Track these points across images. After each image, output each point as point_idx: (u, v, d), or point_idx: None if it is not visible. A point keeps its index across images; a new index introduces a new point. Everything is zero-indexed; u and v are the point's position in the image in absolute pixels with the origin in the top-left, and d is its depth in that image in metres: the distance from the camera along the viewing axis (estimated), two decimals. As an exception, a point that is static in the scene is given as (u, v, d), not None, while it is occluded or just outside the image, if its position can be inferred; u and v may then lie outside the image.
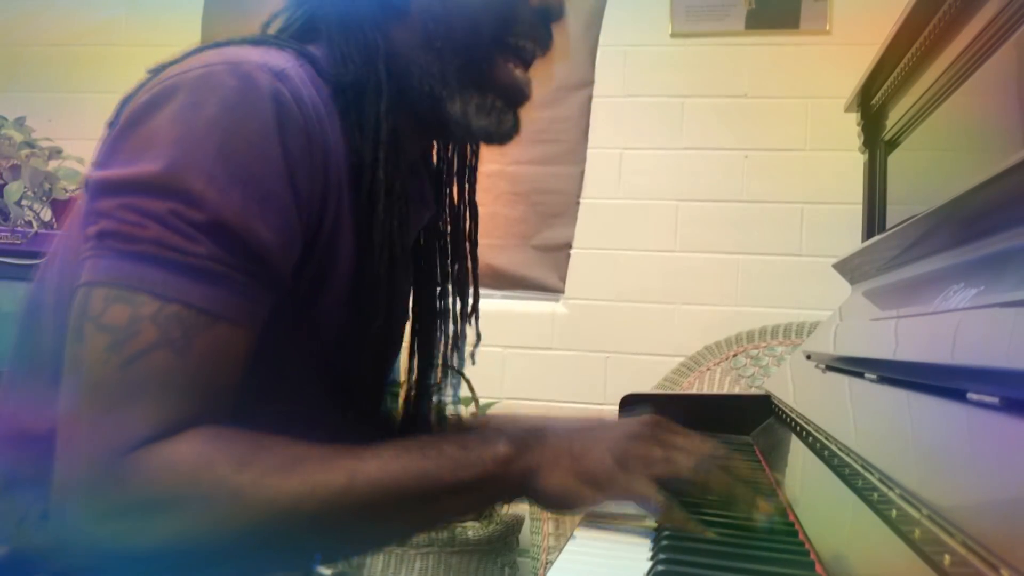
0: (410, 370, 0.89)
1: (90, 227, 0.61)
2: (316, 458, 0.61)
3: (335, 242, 0.69)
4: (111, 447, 0.56)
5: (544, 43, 0.76)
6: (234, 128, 0.60)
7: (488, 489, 0.64)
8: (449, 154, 0.87)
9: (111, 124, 0.66)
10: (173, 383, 0.58)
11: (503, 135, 0.76)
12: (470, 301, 0.88)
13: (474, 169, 0.87)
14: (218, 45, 0.67)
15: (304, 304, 0.69)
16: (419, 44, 0.73)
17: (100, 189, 0.61)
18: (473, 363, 0.90)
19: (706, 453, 0.65)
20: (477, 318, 0.88)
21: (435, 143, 0.87)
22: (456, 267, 0.87)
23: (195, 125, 0.60)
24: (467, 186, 0.87)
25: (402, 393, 0.89)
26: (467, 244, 0.88)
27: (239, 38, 0.70)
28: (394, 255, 0.72)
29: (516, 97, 0.76)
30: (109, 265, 0.59)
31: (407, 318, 0.89)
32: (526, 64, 0.76)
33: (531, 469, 0.65)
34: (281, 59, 0.66)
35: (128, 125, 0.62)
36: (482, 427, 0.89)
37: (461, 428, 0.94)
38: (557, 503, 0.65)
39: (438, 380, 0.89)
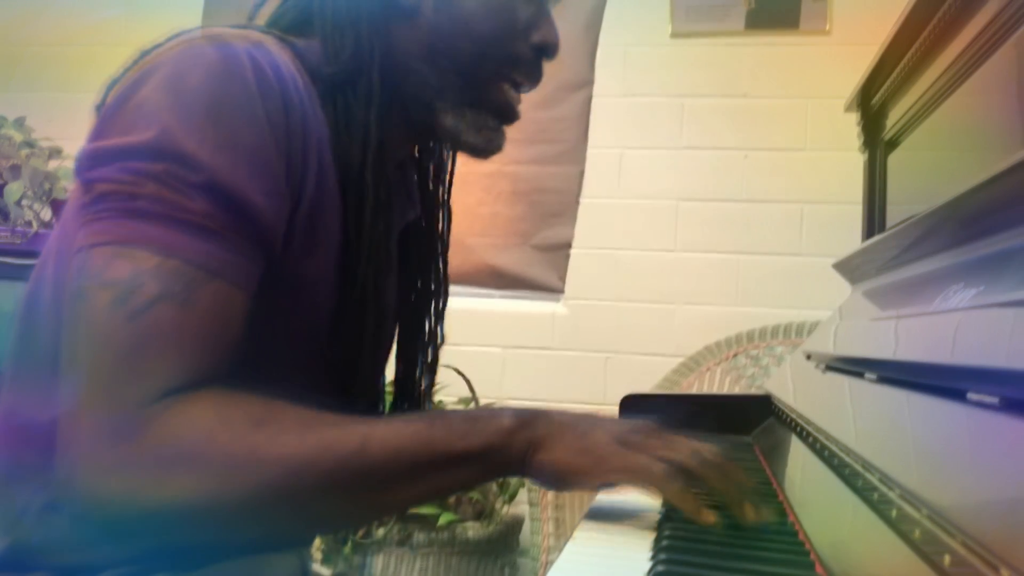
0: (396, 368, 0.89)
1: (85, 195, 0.62)
2: (330, 421, 0.62)
3: (318, 220, 0.70)
4: (127, 400, 0.57)
5: (537, 78, 0.80)
6: (220, 94, 0.62)
7: (493, 460, 0.66)
8: (433, 156, 0.89)
9: (99, 107, 0.68)
10: (180, 337, 0.59)
11: (490, 151, 0.79)
12: (442, 300, 0.90)
13: (451, 173, 0.90)
14: (199, 29, 0.69)
15: (291, 280, 0.69)
16: (421, 55, 0.75)
17: (93, 159, 0.63)
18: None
19: (704, 452, 0.66)
20: (443, 319, 0.90)
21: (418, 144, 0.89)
22: (434, 266, 0.89)
23: (182, 93, 0.62)
24: (442, 188, 0.89)
25: (393, 390, 0.90)
26: (439, 245, 0.90)
27: (220, 27, 0.72)
28: (380, 257, 0.74)
29: (508, 117, 0.79)
30: (107, 226, 0.60)
31: (394, 320, 0.89)
32: (517, 90, 0.79)
33: (534, 442, 0.66)
34: (260, 37, 0.68)
35: (116, 103, 0.64)
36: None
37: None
38: (557, 478, 0.66)
39: (420, 377, 0.90)
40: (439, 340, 0.90)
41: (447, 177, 0.90)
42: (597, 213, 2.31)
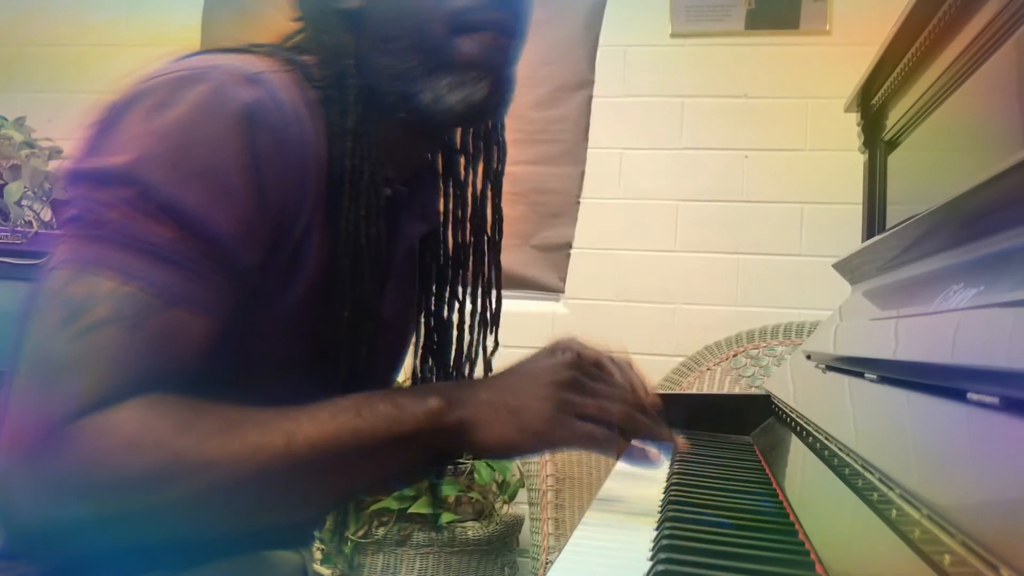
0: (415, 378, 0.89)
1: (62, 217, 0.64)
2: (255, 421, 0.62)
3: (305, 245, 0.69)
4: (52, 416, 0.57)
5: (496, 12, 0.72)
6: (197, 126, 0.62)
7: (422, 443, 0.67)
8: (469, 161, 0.86)
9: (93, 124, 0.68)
10: (119, 359, 0.59)
11: (482, 104, 0.73)
12: (491, 308, 0.89)
13: (499, 174, 0.87)
14: (201, 54, 0.69)
15: (271, 303, 0.69)
16: (378, 47, 0.73)
17: (69, 181, 0.64)
18: (491, 370, 0.90)
19: (626, 396, 0.71)
20: (497, 326, 0.91)
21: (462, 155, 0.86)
22: (475, 274, 0.87)
23: (160, 123, 0.62)
24: (463, 200, 0.86)
25: None
26: (487, 250, 0.88)
27: (224, 48, 0.72)
28: (362, 258, 0.72)
29: (486, 63, 0.72)
30: (72, 247, 0.61)
31: (408, 330, 0.88)
32: (489, 31, 0.72)
33: (465, 422, 0.67)
34: (259, 64, 0.67)
35: (102, 123, 0.65)
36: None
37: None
38: (499, 454, 0.69)
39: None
40: (476, 350, 0.89)
41: (470, 189, 0.86)
42: (597, 213, 2.31)
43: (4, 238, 1.92)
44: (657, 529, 0.65)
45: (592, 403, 0.69)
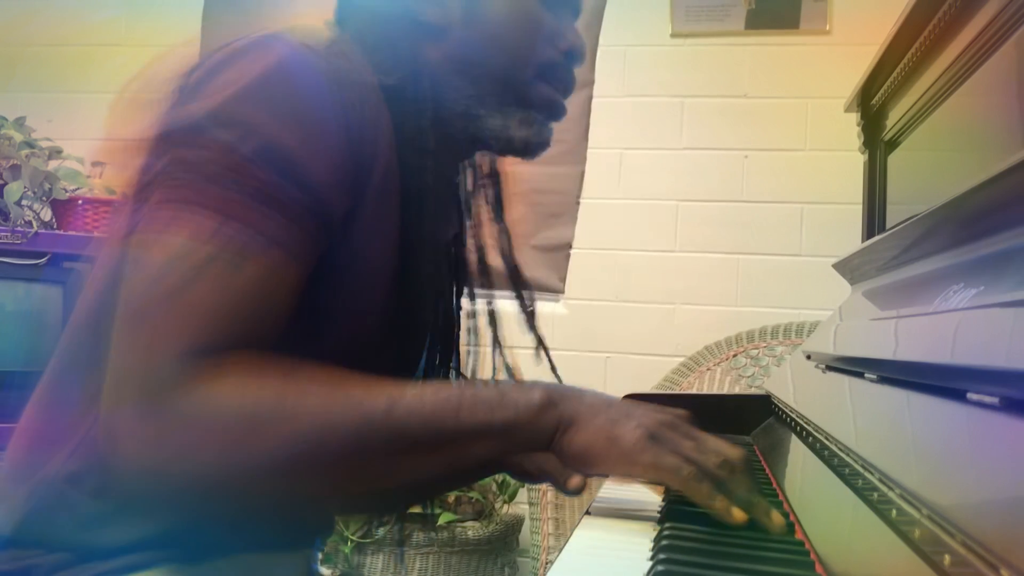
0: (426, 371, 0.91)
1: (152, 169, 0.64)
2: (358, 381, 0.63)
3: (378, 217, 0.71)
4: (164, 355, 0.58)
5: (569, 82, 0.82)
6: (289, 76, 0.65)
7: (519, 435, 0.66)
8: (473, 176, 0.92)
9: (176, 89, 0.69)
10: (224, 299, 0.60)
11: (541, 145, 0.81)
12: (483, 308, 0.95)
13: (499, 188, 0.94)
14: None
15: (349, 274, 0.71)
16: (455, 69, 0.77)
17: (162, 137, 0.65)
18: (553, 370, 0.97)
19: (732, 457, 0.66)
20: (532, 323, 0.97)
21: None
22: (481, 277, 0.92)
23: (252, 73, 0.65)
24: (476, 207, 0.92)
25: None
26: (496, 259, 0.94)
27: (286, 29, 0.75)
28: (433, 262, 0.76)
29: (553, 111, 0.81)
30: (175, 187, 0.62)
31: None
32: (561, 88, 0.81)
33: (563, 420, 0.66)
34: (335, 36, 0.72)
35: (190, 88, 0.67)
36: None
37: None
38: (580, 460, 0.66)
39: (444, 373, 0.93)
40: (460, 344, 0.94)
41: (496, 193, 0.93)
42: (597, 213, 2.31)
43: (4, 238, 1.92)
44: (657, 529, 0.65)
45: (691, 445, 0.66)
